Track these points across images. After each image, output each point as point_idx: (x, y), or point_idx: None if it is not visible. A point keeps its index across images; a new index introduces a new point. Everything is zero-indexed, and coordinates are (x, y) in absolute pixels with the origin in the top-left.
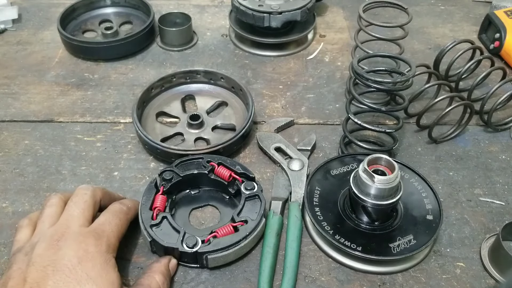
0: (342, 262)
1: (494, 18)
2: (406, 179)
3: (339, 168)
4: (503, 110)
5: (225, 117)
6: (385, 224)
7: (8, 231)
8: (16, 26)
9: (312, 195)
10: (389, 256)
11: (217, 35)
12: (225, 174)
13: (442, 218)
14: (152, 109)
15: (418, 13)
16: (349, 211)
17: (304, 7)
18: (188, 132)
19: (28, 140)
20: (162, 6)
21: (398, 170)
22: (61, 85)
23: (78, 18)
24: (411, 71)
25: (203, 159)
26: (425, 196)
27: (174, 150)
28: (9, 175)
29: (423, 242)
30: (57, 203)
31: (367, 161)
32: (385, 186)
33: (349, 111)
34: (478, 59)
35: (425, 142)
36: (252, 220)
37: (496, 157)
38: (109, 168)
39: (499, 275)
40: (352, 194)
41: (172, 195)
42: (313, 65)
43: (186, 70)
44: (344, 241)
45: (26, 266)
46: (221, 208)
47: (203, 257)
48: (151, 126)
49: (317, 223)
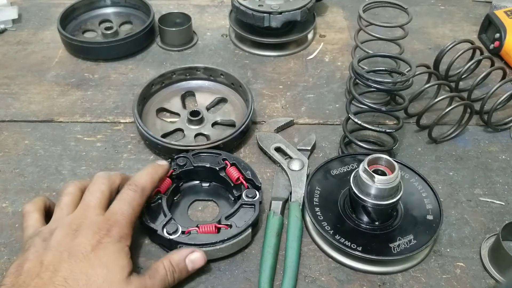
0: (342, 262)
1: (494, 18)
2: (406, 179)
3: (340, 168)
4: (503, 110)
5: (225, 114)
6: (385, 224)
7: (8, 231)
8: (16, 26)
9: (312, 195)
10: (390, 256)
11: (217, 35)
12: (234, 175)
13: (442, 218)
14: (152, 105)
15: (418, 13)
16: (349, 211)
17: (304, 7)
18: (188, 128)
19: (28, 140)
20: (162, 6)
21: (398, 170)
22: (61, 85)
23: (78, 18)
24: (411, 71)
25: (220, 156)
26: (425, 196)
27: (175, 145)
28: (9, 175)
29: (423, 242)
30: (74, 192)
31: (367, 161)
32: (385, 186)
33: (349, 111)
34: (478, 59)
35: (425, 142)
36: (237, 227)
37: (496, 157)
38: (109, 168)
39: (499, 275)
40: (352, 194)
41: (180, 181)
42: (313, 65)
43: (186, 67)
44: (344, 241)
45: (44, 250)
46: (222, 207)
47: (177, 246)
48: (152, 122)
49: (317, 223)
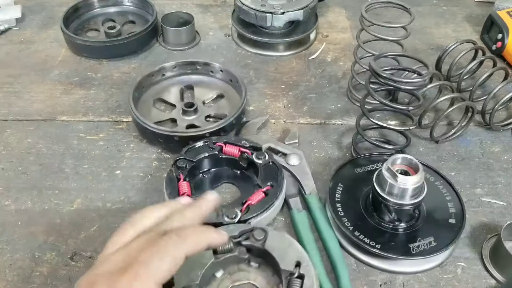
0: (360, 258)
1: (496, 18)
2: (431, 182)
3: (364, 166)
4: (505, 110)
5: (220, 108)
6: (406, 225)
7: (11, 228)
8: (19, 25)
9: (334, 191)
10: (408, 256)
11: (220, 35)
12: (234, 151)
13: (465, 223)
14: (151, 95)
15: (421, 13)
16: (371, 209)
17: (307, 7)
18: (181, 119)
19: (31, 138)
20: (165, 5)
21: (422, 171)
22: (64, 84)
23: (81, 17)
24: (428, 71)
25: (209, 142)
26: (449, 200)
27: (161, 130)
28: (12, 173)
29: (444, 245)
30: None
31: (391, 160)
32: (408, 186)
33: (365, 112)
34: (480, 60)
35: (427, 142)
36: (277, 183)
37: (498, 157)
38: (112, 167)
39: (500, 275)
40: (375, 193)
41: (191, 180)
42: (315, 65)
43: (187, 61)
44: (364, 238)
45: None
46: (237, 182)
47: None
48: (147, 110)
49: (338, 218)
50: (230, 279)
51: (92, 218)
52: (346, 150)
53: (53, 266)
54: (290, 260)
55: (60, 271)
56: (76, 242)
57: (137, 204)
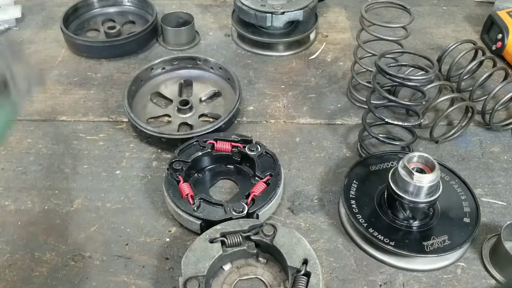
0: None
1: (496, 18)
2: (446, 181)
3: (379, 164)
4: (505, 110)
5: (215, 107)
6: (420, 223)
7: (10, 228)
8: (19, 25)
9: (349, 188)
10: (422, 254)
11: (220, 35)
12: (226, 147)
13: (479, 222)
14: (149, 88)
15: (420, 13)
16: (385, 207)
17: (307, 7)
18: (175, 116)
19: (31, 138)
20: (165, 5)
21: (438, 169)
22: (64, 84)
23: (81, 17)
24: (434, 68)
25: (199, 141)
26: (464, 199)
27: (148, 130)
28: (12, 173)
29: (458, 244)
30: None
31: (407, 158)
32: (423, 184)
33: (371, 108)
34: (480, 60)
35: (427, 142)
36: (275, 171)
37: (498, 157)
38: (111, 167)
39: (500, 275)
40: (390, 190)
41: (189, 180)
42: (315, 65)
43: (188, 56)
44: (378, 235)
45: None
46: (234, 177)
47: (253, 216)
48: (143, 104)
49: (352, 215)
50: (237, 273)
51: (92, 218)
52: (346, 150)
53: (53, 266)
54: (298, 257)
55: (60, 271)
56: (76, 242)
57: (136, 204)
